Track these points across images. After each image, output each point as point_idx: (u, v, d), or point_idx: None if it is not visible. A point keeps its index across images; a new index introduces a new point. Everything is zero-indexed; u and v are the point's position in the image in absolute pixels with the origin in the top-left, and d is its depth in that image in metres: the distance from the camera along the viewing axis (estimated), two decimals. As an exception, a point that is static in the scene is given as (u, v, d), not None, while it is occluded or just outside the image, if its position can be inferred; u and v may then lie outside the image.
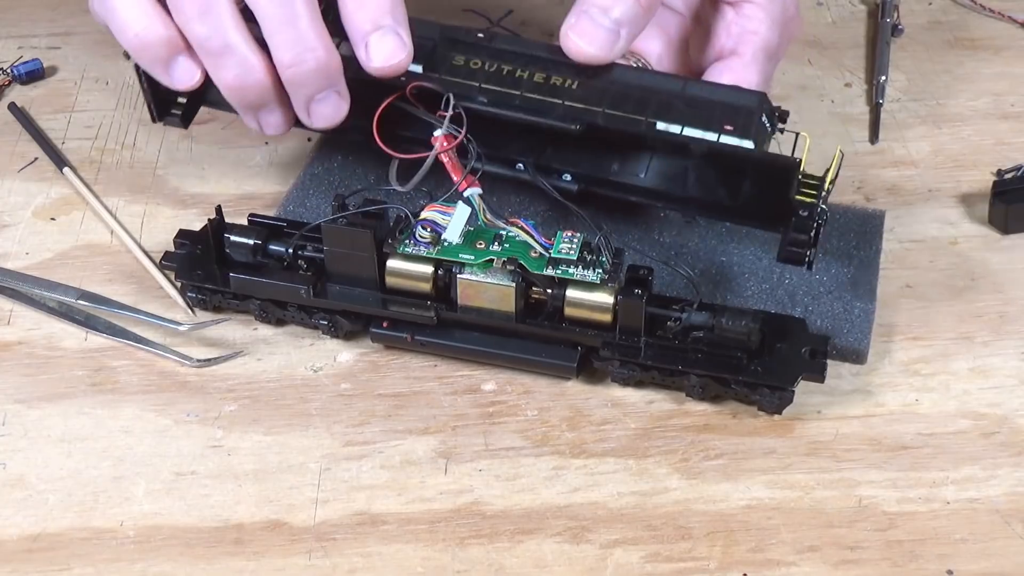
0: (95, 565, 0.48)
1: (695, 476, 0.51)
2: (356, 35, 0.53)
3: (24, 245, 0.62)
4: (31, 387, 0.55)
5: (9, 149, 0.68)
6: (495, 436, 0.52)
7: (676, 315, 0.52)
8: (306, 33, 0.52)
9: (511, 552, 0.48)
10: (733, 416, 0.53)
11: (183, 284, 0.58)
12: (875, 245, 0.59)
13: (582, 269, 0.52)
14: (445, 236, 0.52)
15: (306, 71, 0.53)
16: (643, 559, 0.48)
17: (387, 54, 0.53)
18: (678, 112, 0.53)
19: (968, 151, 0.66)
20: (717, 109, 0.53)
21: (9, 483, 0.51)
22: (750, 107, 0.53)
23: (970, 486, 0.50)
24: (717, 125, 0.52)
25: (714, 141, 0.52)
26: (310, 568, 0.48)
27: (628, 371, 0.53)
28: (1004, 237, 0.61)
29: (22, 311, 0.58)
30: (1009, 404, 0.53)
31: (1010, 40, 0.74)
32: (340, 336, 0.56)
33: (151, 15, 0.53)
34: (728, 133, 0.52)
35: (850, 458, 0.51)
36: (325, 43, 0.52)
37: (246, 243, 0.55)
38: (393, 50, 0.53)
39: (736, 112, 0.53)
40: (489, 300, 0.53)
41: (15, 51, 0.75)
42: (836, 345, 0.54)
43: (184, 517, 0.50)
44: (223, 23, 0.52)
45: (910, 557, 0.48)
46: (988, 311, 0.57)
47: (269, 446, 0.52)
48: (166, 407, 0.54)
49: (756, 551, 0.48)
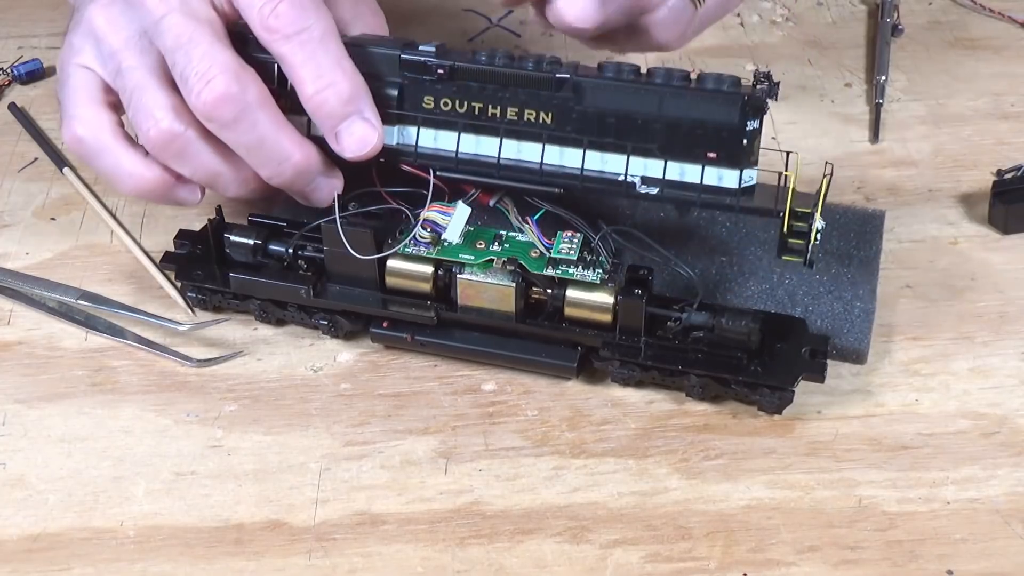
0: (95, 565, 0.48)
1: (695, 476, 0.51)
2: (324, 127, 0.53)
3: (24, 245, 0.62)
4: (31, 387, 0.55)
5: (9, 149, 0.68)
6: (495, 436, 0.52)
7: (676, 315, 0.52)
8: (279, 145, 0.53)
9: (511, 552, 0.48)
10: (733, 416, 0.53)
11: (183, 284, 0.58)
12: (875, 245, 0.59)
13: (582, 269, 0.52)
14: (445, 236, 0.52)
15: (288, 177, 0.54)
16: (643, 559, 0.48)
17: (358, 142, 0.53)
18: (658, 144, 0.51)
19: (968, 151, 0.66)
20: (698, 130, 0.51)
21: (9, 483, 0.51)
22: (732, 125, 0.50)
23: (970, 486, 0.50)
24: (700, 154, 0.51)
25: (695, 199, 0.51)
26: (310, 568, 0.48)
27: (628, 371, 0.53)
28: (1004, 237, 0.61)
29: (22, 311, 0.58)
30: (1009, 404, 0.53)
31: (1010, 40, 0.74)
32: (340, 336, 0.56)
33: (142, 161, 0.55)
34: (712, 162, 0.51)
35: (850, 458, 0.51)
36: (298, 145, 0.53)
37: (246, 243, 0.55)
38: (364, 136, 0.53)
39: (718, 132, 0.51)
40: (489, 300, 0.53)
41: (15, 51, 0.75)
42: (836, 345, 0.54)
43: (184, 517, 0.50)
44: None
45: (910, 557, 0.48)
46: (988, 311, 0.57)
47: (269, 446, 0.52)
48: (166, 407, 0.54)
49: (756, 551, 0.48)
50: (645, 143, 0.51)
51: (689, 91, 0.51)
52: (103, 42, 0.55)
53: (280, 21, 0.51)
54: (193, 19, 0.52)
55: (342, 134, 0.53)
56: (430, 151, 0.54)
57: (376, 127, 0.53)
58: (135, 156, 0.55)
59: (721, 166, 0.51)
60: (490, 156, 0.53)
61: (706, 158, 0.51)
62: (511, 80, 0.52)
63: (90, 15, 0.55)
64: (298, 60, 0.51)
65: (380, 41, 0.55)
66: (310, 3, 0.52)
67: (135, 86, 0.53)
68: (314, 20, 0.51)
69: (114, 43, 0.54)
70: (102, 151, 0.55)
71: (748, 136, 0.51)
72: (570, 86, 0.52)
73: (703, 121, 0.50)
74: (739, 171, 0.51)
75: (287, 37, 0.51)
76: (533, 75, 0.52)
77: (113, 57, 0.54)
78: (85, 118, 0.55)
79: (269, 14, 0.51)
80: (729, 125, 0.50)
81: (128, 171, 0.55)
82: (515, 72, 0.52)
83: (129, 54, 0.54)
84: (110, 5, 0.55)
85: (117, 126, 0.55)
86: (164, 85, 0.53)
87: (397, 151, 0.54)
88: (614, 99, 0.51)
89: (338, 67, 0.52)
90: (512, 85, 0.52)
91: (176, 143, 0.53)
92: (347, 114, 0.52)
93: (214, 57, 0.51)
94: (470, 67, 0.52)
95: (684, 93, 0.51)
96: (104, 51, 0.55)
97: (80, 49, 0.56)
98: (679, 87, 0.51)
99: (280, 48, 0.51)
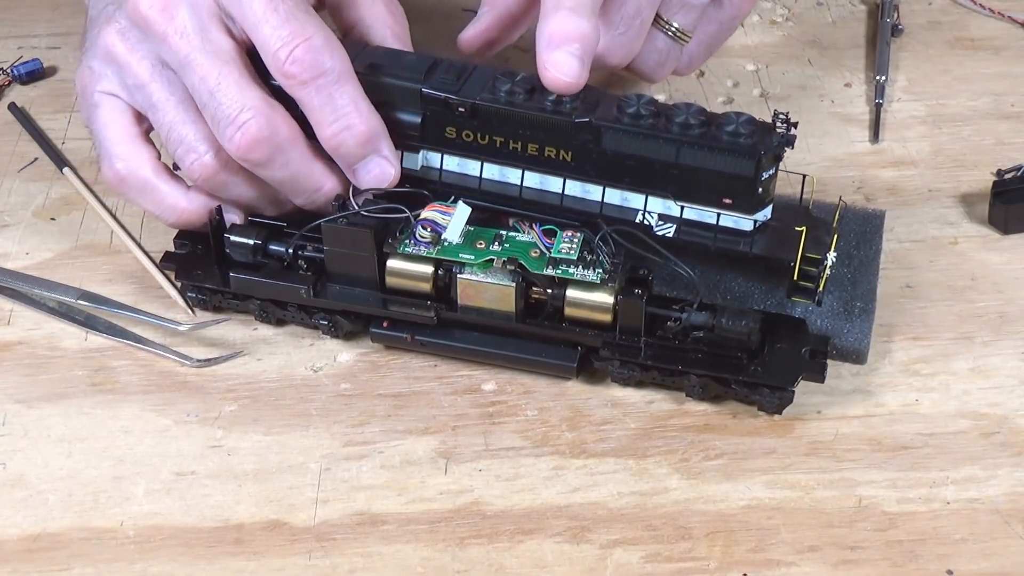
0: (95, 565, 0.48)
1: (695, 476, 0.51)
2: (342, 164, 0.55)
3: (24, 245, 0.62)
4: (31, 387, 0.55)
5: (9, 149, 0.68)
6: (495, 436, 0.52)
7: (676, 315, 0.52)
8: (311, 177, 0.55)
9: (511, 552, 0.48)
10: (733, 416, 0.53)
11: (183, 284, 0.58)
12: (875, 245, 0.59)
13: (582, 269, 0.52)
14: (445, 236, 0.52)
15: (321, 204, 0.55)
16: (643, 559, 0.48)
17: (375, 179, 0.55)
18: (674, 189, 0.52)
19: (968, 151, 0.66)
20: (714, 179, 0.52)
21: (9, 483, 0.51)
22: (747, 177, 0.51)
23: (970, 486, 0.50)
24: (715, 199, 0.52)
25: (710, 242, 0.53)
26: (310, 568, 0.48)
27: (628, 371, 0.53)
28: (1004, 237, 0.61)
29: (22, 311, 0.58)
30: (1009, 404, 0.53)
31: (1010, 40, 0.74)
32: (340, 336, 0.56)
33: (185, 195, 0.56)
34: (727, 207, 0.52)
35: (850, 458, 0.51)
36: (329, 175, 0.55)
37: (246, 243, 0.55)
38: (380, 174, 0.54)
39: (734, 182, 0.52)
40: (489, 300, 0.53)
41: (15, 51, 0.75)
42: (836, 345, 0.54)
43: (184, 517, 0.50)
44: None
45: (910, 557, 0.48)
46: (988, 311, 0.57)
47: (269, 446, 0.52)
48: (166, 407, 0.54)
49: (756, 551, 0.48)
50: (662, 187, 0.53)
51: (706, 143, 0.51)
52: (127, 72, 0.55)
53: (296, 67, 0.51)
54: (218, 59, 0.52)
55: (359, 171, 0.54)
56: (454, 176, 0.55)
57: (393, 164, 0.54)
58: (177, 190, 0.56)
59: (736, 211, 0.52)
60: (513, 183, 0.55)
61: (721, 203, 0.52)
62: (531, 122, 0.53)
63: (107, 42, 0.55)
64: (315, 104, 0.52)
65: (400, 66, 0.55)
66: (324, 45, 0.52)
67: (172, 121, 0.54)
68: (330, 63, 0.52)
69: (140, 75, 0.55)
70: (145, 189, 0.56)
71: (763, 184, 0.52)
72: (589, 129, 0.52)
73: (719, 172, 0.52)
74: (753, 217, 0.52)
75: (304, 83, 0.52)
76: (552, 119, 0.53)
77: (142, 90, 0.55)
78: (125, 156, 0.56)
79: (286, 59, 0.51)
80: (745, 177, 0.51)
81: (171, 206, 0.56)
82: (535, 115, 0.53)
83: (157, 87, 0.54)
84: (127, 31, 0.55)
85: (156, 160, 0.56)
86: (199, 118, 0.54)
87: (421, 177, 0.56)
88: (632, 145, 0.52)
89: (355, 110, 0.53)
90: (532, 127, 0.53)
91: (219, 177, 0.55)
92: (364, 155, 0.54)
93: (243, 100, 0.52)
94: (490, 107, 0.53)
95: (702, 146, 0.51)
96: (130, 82, 0.55)
97: (102, 75, 0.56)
98: (696, 138, 0.51)
99: (297, 92, 0.52)
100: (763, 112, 0.69)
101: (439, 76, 0.54)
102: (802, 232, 0.52)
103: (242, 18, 0.52)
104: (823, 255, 0.52)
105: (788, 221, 0.53)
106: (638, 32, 0.58)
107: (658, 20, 0.59)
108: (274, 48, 0.51)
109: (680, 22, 0.59)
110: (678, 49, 0.61)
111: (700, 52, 0.63)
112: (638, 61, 0.60)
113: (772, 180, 0.52)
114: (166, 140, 0.55)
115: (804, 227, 0.52)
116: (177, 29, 0.53)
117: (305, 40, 0.51)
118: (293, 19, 0.52)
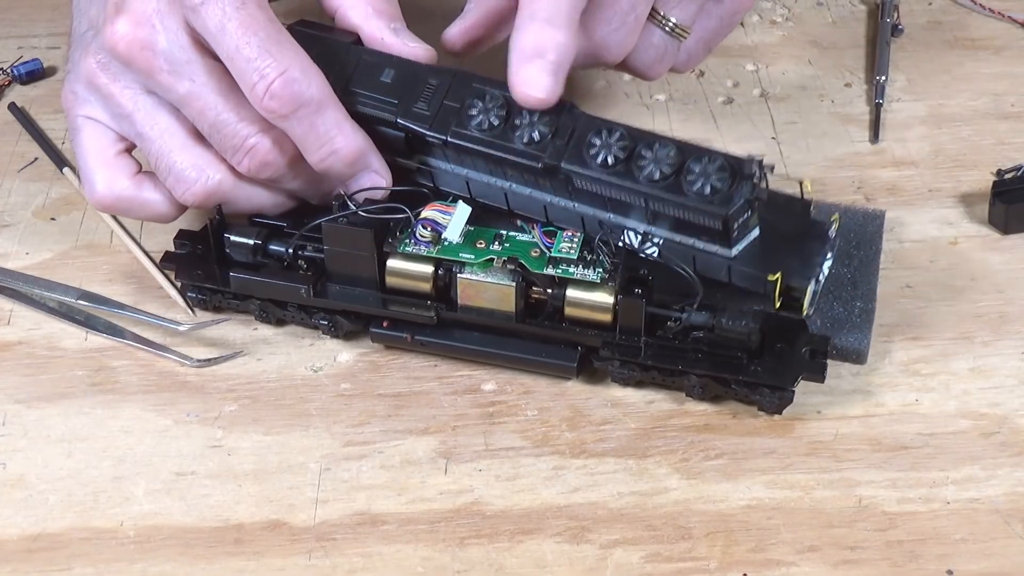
0: (95, 565, 0.48)
1: (695, 476, 0.51)
2: (335, 182, 0.55)
3: (24, 245, 0.62)
4: (31, 387, 0.55)
5: (9, 149, 0.68)
6: (495, 436, 0.52)
7: (676, 315, 0.52)
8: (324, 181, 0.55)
9: (511, 552, 0.48)
10: (733, 416, 0.53)
11: (183, 284, 0.58)
12: (875, 245, 0.59)
13: (582, 269, 0.52)
14: (445, 235, 0.52)
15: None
16: (643, 559, 0.48)
17: (368, 192, 0.55)
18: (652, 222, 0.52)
19: (968, 151, 0.66)
20: (689, 225, 0.51)
21: (9, 483, 0.51)
22: (718, 228, 0.50)
23: (970, 486, 0.50)
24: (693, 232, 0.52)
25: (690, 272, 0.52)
26: (310, 568, 0.48)
27: (628, 371, 0.53)
28: (1004, 237, 0.61)
29: (22, 311, 0.58)
30: (1009, 404, 0.53)
31: (1010, 40, 0.74)
32: (340, 336, 0.56)
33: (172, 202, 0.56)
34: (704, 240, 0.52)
35: (850, 458, 0.51)
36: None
37: (246, 243, 0.55)
38: (373, 185, 0.55)
39: (708, 228, 0.51)
40: (489, 300, 0.53)
41: (15, 51, 0.75)
42: (836, 345, 0.54)
43: (184, 517, 0.50)
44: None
45: (910, 557, 0.48)
46: (988, 311, 0.57)
47: (269, 446, 0.52)
48: (166, 407, 0.54)
49: (756, 551, 0.48)
50: (639, 218, 0.52)
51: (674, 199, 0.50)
52: (110, 102, 0.55)
53: (275, 103, 0.51)
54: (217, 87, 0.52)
55: (351, 186, 0.55)
56: (448, 176, 0.56)
57: (383, 175, 0.55)
58: (163, 198, 0.56)
59: (714, 246, 0.52)
60: (500, 187, 0.54)
61: (699, 237, 0.52)
62: (503, 162, 0.53)
63: (88, 72, 0.55)
64: (298, 133, 0.52)
65: (377, 90, 0.54)
66: (301, 75, 0.51)
67: (159, 151, 0.54)
68: (307, 92, 0.51)
69: (124, 104, 0.55)
70: (132, 206, 0.56)
71: (740, 226, 0.51)
72: (560, 172, 0.52)
73: (692, 221, 0.51)
74: (730, 247, 0.52)
75: (284, 117, 0.52)
76: (521, 162, 0.52)
77: (127, 119, 0.55)
78: (104, 179, 0.56)
79: (263, 95, 0.51)
80: (717, 227, 0.51)
81: (163, 213, 0.57)
82: (504, 157, 0.52)
83: (142, 116, 0.54)
84: (107, 64, 0.54)
85: (135, 174, 0.56)
86: (188, 144, 0.54)
87: (417, 170, 0.56)
88: (606, 190, 0.52)
89: (339, 133, 0.53)
90: (504, 164, 0.53)
91: (213, 198, 0.55)
92: (353, 173, 0.54)
93: (248, 128, 0.53)
94: (463, 144, 0.53)
95: (673, 194, 0.50)
96: (114, 111, 0.55)
97: (85, 100, 0.56)
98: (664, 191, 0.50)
99: (280, 124, 0.52)
100: (763, 112, 0.69)
101: (415, 105, 0.54)
102: (776, 280, 0.51)
103: (216, 47, 0.51)
104: (806, 282, 0.51)
105: (783, 229, 0.52)
106: (633, 27, 0.56)
107: (654, 15, 0.58)
108: (251, 83, 0.51)
109: (678, 17, 0.58)
110: (675, 46, 0.59)
111: (699, 49, 0.61)
112: (633, 58, 0.59)
113: (750, 219, 0.51)
114: (155, 170, 0.55)
115: (778, 275, 0.51)
116: (163, 66, 0.52)
117: (281, 74, 0.51)
118: (266, 52, 0.51)
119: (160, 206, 0.56)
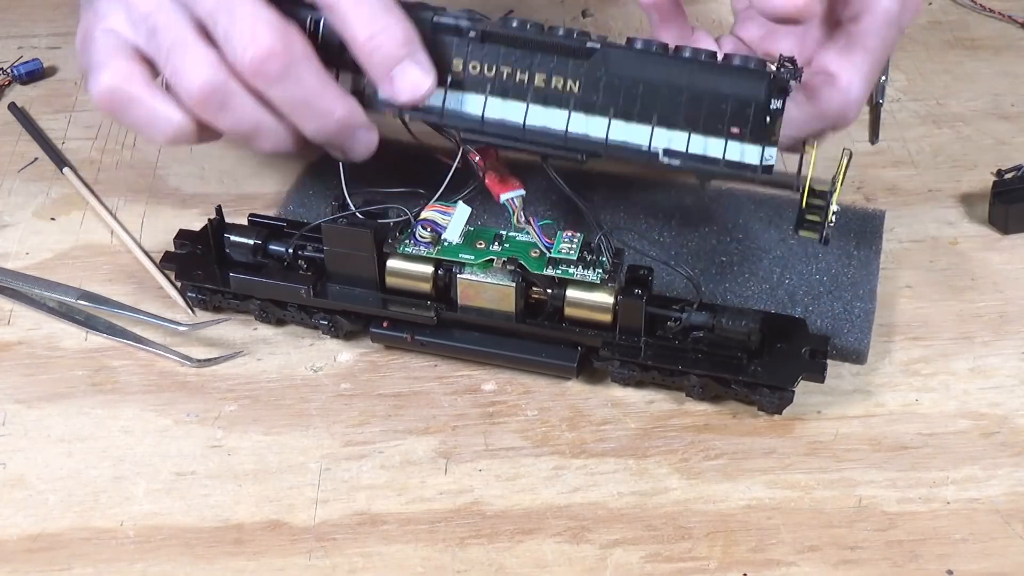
0: (95, 565, 0.48)
1: (695, 476, 0.51)
2: (377, 72, 0.53)
3: (24, 245, 0.62)
4: (31, 387, 0.55)
5: (9, 149, 0.68)
6: (495, 436, 0.52)
7: (676, 315, 0.52)
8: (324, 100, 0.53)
9: (511, 552, 0.48)
10: (733, 416, 0.53)
11: (183, 284, 0.58)
12: (875, 245, 0.59)
13: (582, 269, 0.52)
14: (445, 236, 0.52)
15: (331, 131, 0.54)
16: (643, 559, 0.48)
17: (412, 86, 0.52)
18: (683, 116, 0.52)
19: (968, 151, 0.66)
20: (724, 105, 0.51)
21: (9, 483, 0.51)
22: (758, 100, 0.51)
23: (970, 486, 0.50)
24: (724, 129, 0.51)
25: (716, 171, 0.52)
26: (310, 568, 0.48)
27: (628, 371, 0.53)
28: (1004, 237, 0.61)
29: (22, 311, 0.58)
30: (1009, 404, 0.53)
31: (1010, 40, 0.75)
32: (340, 336, 0.56)
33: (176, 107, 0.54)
34: (735, 137, 0.51)
35: (850, 458, 0.51)
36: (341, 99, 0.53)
37: (246, 243, 0.55)
38: (417, 80, 0.52)
39: (744, 107, 0.51)
40: (489, 300, 0.53)
41: (15, 51, 0.75)
42: (836, 345, 0.54)
43: (184, 517, 0.50)
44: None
45: (910, 557, 0.48)
46: (988, 311, 0.57)
47: (269, 446, 0.52)
48: (166, 407, 0.54)
49: (756, 551, 0.48)
50: (670, 116, 0.52)
51: (717, 66, 0.51)
52: (133, 8, 0.54)
53: None
54: None
55: (396, 78, 0.52)
56: (456, 112, 0.54)
57: (429, 71, 0.53)
58: (169, 102, 0.53)
59: (744, 142, 0.51)
60: (516, 121, 0.53)
61: (729, 133, 0.51)
62: (541, 47, 0.52)
63: None
64: (349, 5, 0.51)
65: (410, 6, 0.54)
66: None
67: (171, 44, 0.53)
68: None
69: (145, 6, 0.53)
70: (134, 100, 0.54)
71: (772, 115, 0.51)
72: (599, 55, 0.52)
73: (729, 96, 0.51)
74: (761, 148, 0.51)
75: None
76: (563, 43, 0.52)
77: (145, 20, 0.53)
78: (114, 68, 0.54)
79: None
80: (755, 101, 0.51)
81: (164, 116, 0.53)
82: (545, 40, 0.52)
83: (162, 14, 0.53)
84: None
85: (148, 76, 0.54)
86: (201, 40, 0.52)
87: (426, 110, 0.54)
88: (642, 69, 0.52)
89: (389, 12, 0.52)
90: (541, 52, 0.52)
91: (217, 96, 0.52)
92: (401, 57, 0.52)
93: (257, 15, 0.51)
94: (501, 32, 0.53)
95: (712, 67, 0.51)
96: (134, 16, 0.54)
97: (107, 15, 0.55)
98: (707, 62, 0.51)
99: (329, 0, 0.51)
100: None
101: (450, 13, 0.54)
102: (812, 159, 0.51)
103: None
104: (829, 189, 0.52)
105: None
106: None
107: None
108: None
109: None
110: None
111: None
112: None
113: (779, 117, 0.51)
114: (164, 68, 0.53)
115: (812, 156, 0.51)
116: None
117: None
118: None
119: (164, 109, 0.53)
